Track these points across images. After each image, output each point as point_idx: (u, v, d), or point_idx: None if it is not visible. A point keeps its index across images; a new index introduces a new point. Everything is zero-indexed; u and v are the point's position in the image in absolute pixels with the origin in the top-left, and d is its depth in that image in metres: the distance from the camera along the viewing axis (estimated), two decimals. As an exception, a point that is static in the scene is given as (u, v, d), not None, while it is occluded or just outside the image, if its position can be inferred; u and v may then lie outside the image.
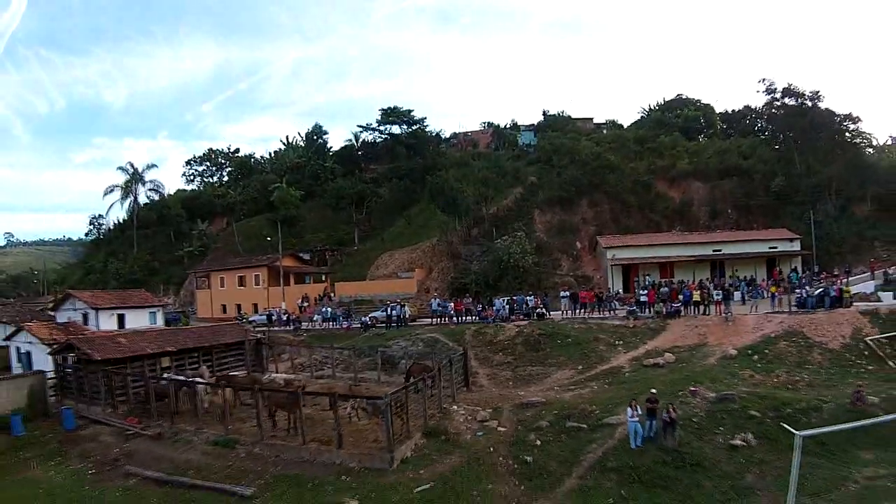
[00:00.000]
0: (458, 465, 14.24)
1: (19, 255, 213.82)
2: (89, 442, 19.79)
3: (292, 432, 16.36)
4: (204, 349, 24.68)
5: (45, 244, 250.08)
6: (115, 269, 69.23)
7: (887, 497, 13.07)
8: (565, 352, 23.78)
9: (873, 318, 26.66)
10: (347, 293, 41.27)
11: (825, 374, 21.10)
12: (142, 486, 15.71)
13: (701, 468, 13.71)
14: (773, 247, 39.02)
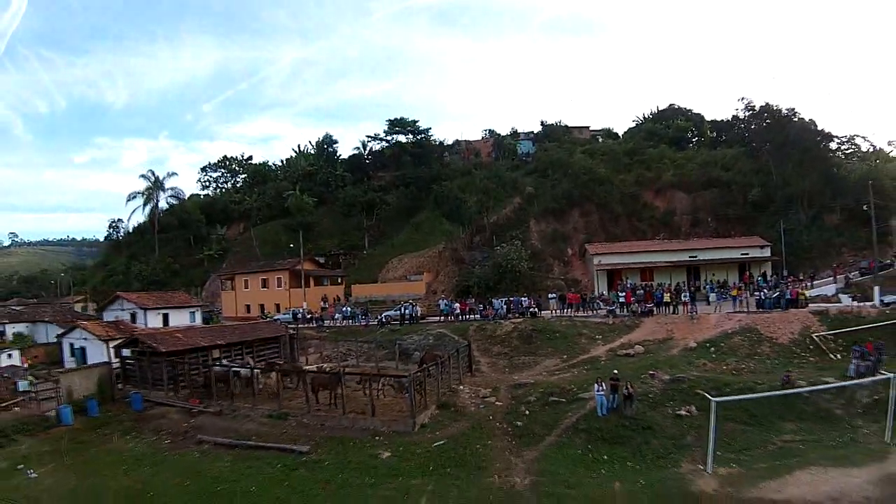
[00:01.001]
0: (465, 429, 18.36)
1: (24, 254, 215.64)
2: (159, 419, 23.82)
3: (333, 406, 20.46)
4: (246, 343, 28.81)
5: (50, 244, 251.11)
6: (137, 271, 73.00)
7: (795, 454, 17.11)
8: (553, 344, 27.92)
9: (823, 317, 30.75)
10: (363, 294, 45.35)
11: (769, 364, 25.11)
12: (214, 450, 19.74)
13: (651, 431, 17.78)
14: (745, 253, 43.07)
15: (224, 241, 73.96)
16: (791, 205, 50.07)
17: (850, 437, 18.38)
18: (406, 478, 15.38)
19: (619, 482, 14.67)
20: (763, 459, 16.52)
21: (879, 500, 13.78)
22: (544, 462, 15.94)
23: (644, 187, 53.03)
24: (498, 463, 15.94)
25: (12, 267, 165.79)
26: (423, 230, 57.77)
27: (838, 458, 16.37)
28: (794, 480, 14.97)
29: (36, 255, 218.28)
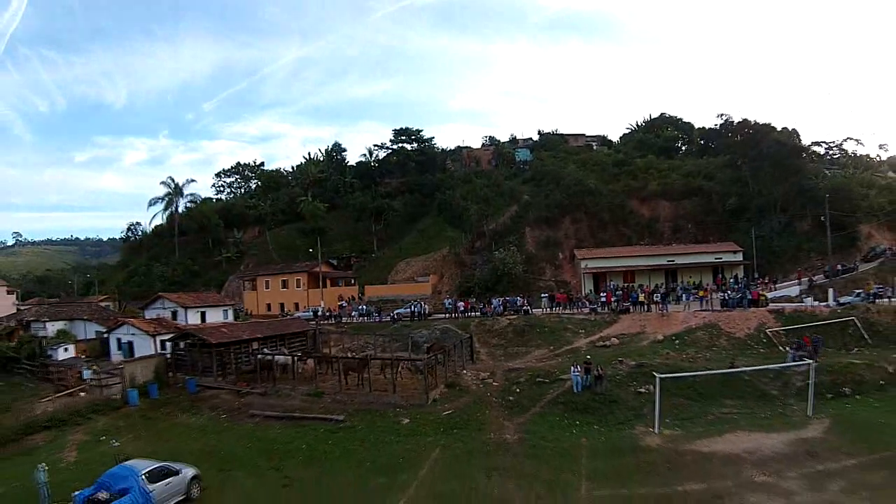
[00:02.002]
0: (468, 402, 22.83)
1: (28, 254, 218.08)
2: (213, 399, 28.23)
3: (360, 386, 24.91)
4: (279, 336, 33.26)
5: (53, 243, 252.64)
6: (159, 272, 77.44)
7: (729, 422, 21.47)
8: (542, 337, 32.36)
9: (778, 315, 35.15)
10: (375, 294, 49.74)
11: (724, 354, 29.45)
12: (265, 422, 24.16)
13: (616, 403, 22.20)
14: (719, 257, 47.47)
15: (241, 244, 78.35)
16: (765, 213, 54.34)
17: (780, 411, 22.76)
18: (422, 436, 19.86)
19: (586, 439, 19.13)
20: (702, 426, 20.93)
21: (783, 454, 18.17)
22: (530, 425, 20.42)
23: (631, 196, 57.37)
24: (494, 426, 20.42)
25: (18, 267, 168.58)
26: (428, 235, 62.17)
27: (763, 426, 20.79)
28: (721, 440, 19.40)
29: (40, 255, 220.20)
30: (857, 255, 53.73)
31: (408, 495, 15.32)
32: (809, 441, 19.09)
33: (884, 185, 63.68)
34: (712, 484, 15.56)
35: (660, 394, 19.93)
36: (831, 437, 19.38)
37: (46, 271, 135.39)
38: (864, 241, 55.78)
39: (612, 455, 17.70)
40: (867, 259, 52.14)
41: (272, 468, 18.30)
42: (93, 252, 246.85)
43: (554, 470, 16.44)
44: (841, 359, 28.33)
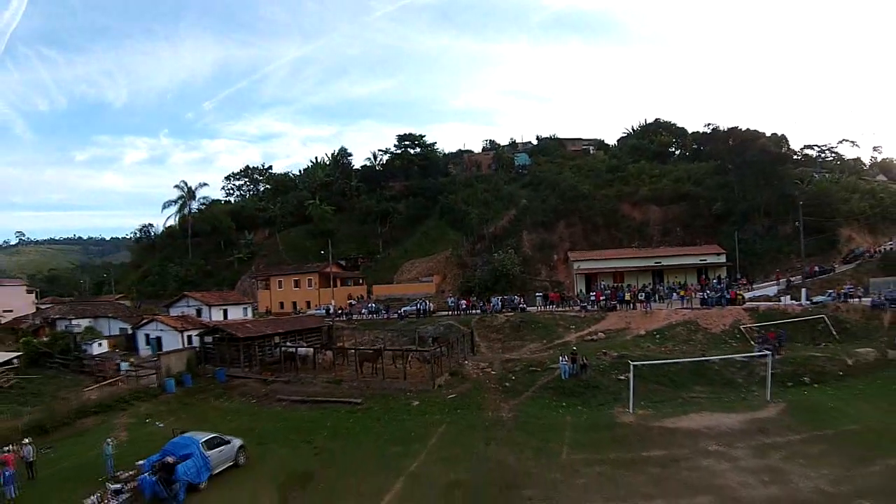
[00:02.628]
0: (469, 388, 25.97)
1: (32, 253, 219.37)
2: (241, 387, 31.36)
3: (374, 374, 28.04)
4: (297, 331, 36.40)
5: (56, 242, 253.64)
6: (174, 272, 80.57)
7: (695, 405, 24.50)
8: (536, 332, 35.47)
9: (753, 313, 38.20)
10: (383, 293, 52.81)
11: (699, 348, 32.52)
12: (291, 406, 27.27)
13: (598, 388, 25.31)
14: (704, 259, 50.51)
15: (251, 245, 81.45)
16: (749, 217, 57.38)
17: (742, 397, 25.82)
18: (430, 415, 23.02)
19: (570, 417, 22.26)
20: (671, 407, 24.03)
21: (738, 430, 21.22)
22: (522, 406, 23.56)
23: (623, 201, 60.45)
24: (491, 406, 23.58)
25: (22, 265, 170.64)
26: (431, 237, 65.25)
27: (725, 408, 23.88)
28: (686, 418, 22.49)
29: (44, 254, 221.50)
30: (838, 257, 56.76)
31: (419, 459, 18.45)
32: (763, 420, 22.15)
33: (866, 190, 66.75)
34: (672, 451, 18.67)
35: (634, 379, 23.05)
36: (783, 418, 22.44)
37: (51, 270, 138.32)
38: (844, 244, 58.78)
39: (591, 430, 20.83)
40: (847, 261, 55.12)
41: (303, 441, 21.44)
42: (96, 251, 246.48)
43: (541, 440, 19.58)
44: (805, 352, 31.42)
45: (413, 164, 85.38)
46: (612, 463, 17.69)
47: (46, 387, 34.40)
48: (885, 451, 18.10)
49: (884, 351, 31.62)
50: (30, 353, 39.91)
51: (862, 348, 31.95)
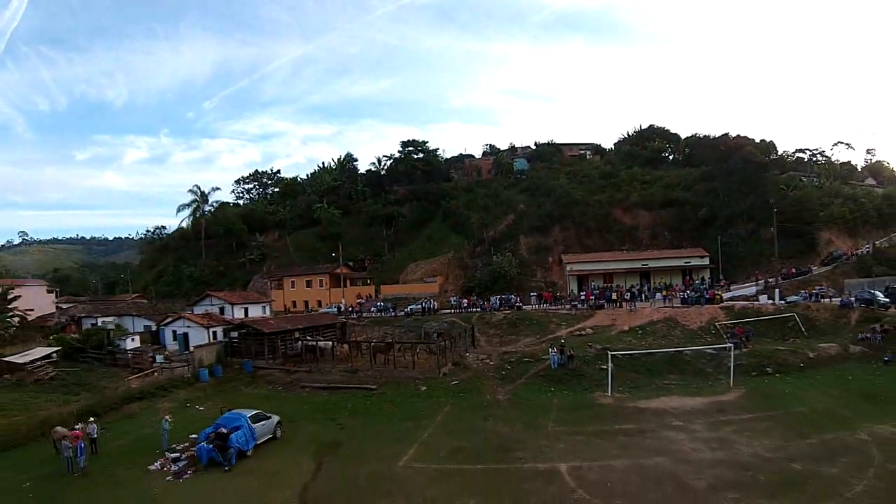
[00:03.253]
0: (470, 376, 29.52)
1: (35, 253, 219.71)
2: (267, 377, 34.84)
3: (386, 364, 31.58)
4: (314, 327, 39.93)
5: (59, 242, 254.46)
6: (188, 272, 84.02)
7: (667, 390, 27.95)
8: (531, 328, 39.02)
9: (728, 311, 41.68)
10: (390, 293, 56.33)
11: (676, 342, 35.99)
12: (314, 392, 30.75)
13: (583, 376, 28.82)
14: (688, 261, 53.98)
15: (263, 246, 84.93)
16: (732, 222, 60.83)
17: (709, 384, 29.28)
18: (436, 398, 26.56)
19: (557, 399, 25.79)
20: (645, 392, 27.54)
21: (699, 409, 24.66)
22: (516, 391, 27.11)
23: (614, 206, 63.94)
24: (489, 391, 27.13)
25: (26, 265, 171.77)
26: (434, 240, 68.79)
27: (692, 393, 27.38)
28: (657, 401, 25.99)
29: (47, 254, 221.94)
30: (817, 259, 60.24)
31: (428, 432, 21.98)
32: (723, 402, 25.65)
33: (849, 195, 70.21)
34: (640, 425, 22.18)
35: (614, 368, 26.61)
36: (741, 401, 25.94)
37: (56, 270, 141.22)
38: (824, 247, 62.30)
39: (574, 409, 24.37)
40: (826, 263, 58.64)
41: (328, 419, 24.97)
42: (99, 251, 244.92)
43: (531, 417, 23.12)
44: (772, 346, 34.92)
45: (416, 168, 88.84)
46: (589, 434, 21.21)
47: (86, 378, 37.90)
48: (823, 428, 21.52)
49: (846, 346, 35.16)
50: (64, 348, 43.50)
51: (825, 343, 35.47)
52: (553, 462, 18.10)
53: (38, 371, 39.85)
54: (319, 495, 16.77)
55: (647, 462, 18.19)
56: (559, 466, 17.67)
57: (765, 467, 17.65)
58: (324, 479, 18.01)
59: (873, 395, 25.73)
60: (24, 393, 34.70)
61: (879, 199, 72.52)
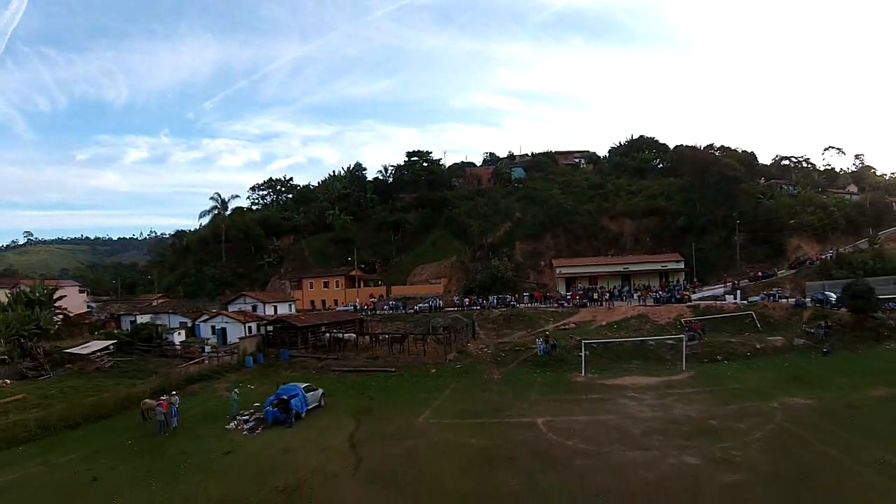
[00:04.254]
0: (471, 361, 36.01)
1: (41, 253, 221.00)
2: (302, 363, 41.16)
3: (402, 352, 38.02)
4: (338, 322, 46.36)
5: (64, 242, 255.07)
6: (211, 274, 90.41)
7: (630, 372, 34.24)
8: (523, 323, 45.43)
9: (694, 309, 48.00)
10: (399, 293, 62.73)
11: (645, 335, 42.33)
12: (343, 374, 37.06)
13: (563, 361, 35.23)
14: (665, 265, 60.30)
15: (279, 250, 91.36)
16: (707, 229, 67.10)
17: (666, 368, 35.58)
18: (444, 378, 32.98)
19: (541, 378, 32.23)
20: (612, 373, 33.88)
21: (652, 385, 30.97)
22: (508, 372, 33.58)
23: (602, 214, 70.30)
24: (487, 372, 33.59)
25: (32, 265, 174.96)
26: (438, 246, 75.14)
27: (650, 374, 33.69)
28: (620, 379, 32.32)
29: (52, 254, 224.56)
30: (785, 264, 66.46)
31: (439, 400, 28.37)
32: (673, 381, 31.96)
33: (819, 204, 76.58)
34: (603, 395, 28.55)
35: (587, 354, 33.01)
36: (688, 380, 32.23)
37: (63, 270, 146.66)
38: (792, 252, 68.51)
39: (553, 385, 30.77)
40: (792, 266, 64.85)
41: (359, 393, 31.35)
42: (104, 251, 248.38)
43: (518, 390, 29.53)
44: (726, 339, 41.22)
45: (421, 177, 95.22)
46: (562, 401, 27.59)
47: (141, 366, 44.36)
48: (745, 398, 27.67)
49: (791, 339, 41.35)
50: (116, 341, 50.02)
51: (774, 337, 41.75)
52: (532, 417, 24.50)
53: (99, 361, 46.52)
54: (362, 440, 23.12)
55: (602, 418, 24.59)
56: (536, 420, 24.07)
57: (689, 422, 23.93)
58: (363, 431, 24.37)
59: (799, 378, 31.71)
60: (89, 379, 41.27)
61: (850, 207, 78.84)
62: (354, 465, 19.92)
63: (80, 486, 19.46)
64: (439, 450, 20.91)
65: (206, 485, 18.68)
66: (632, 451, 20.06)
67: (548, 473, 18.09)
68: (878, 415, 23.68)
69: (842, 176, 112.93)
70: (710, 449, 20.05)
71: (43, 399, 34.92)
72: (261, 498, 17.33)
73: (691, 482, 17.17)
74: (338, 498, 17.08)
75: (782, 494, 15.97)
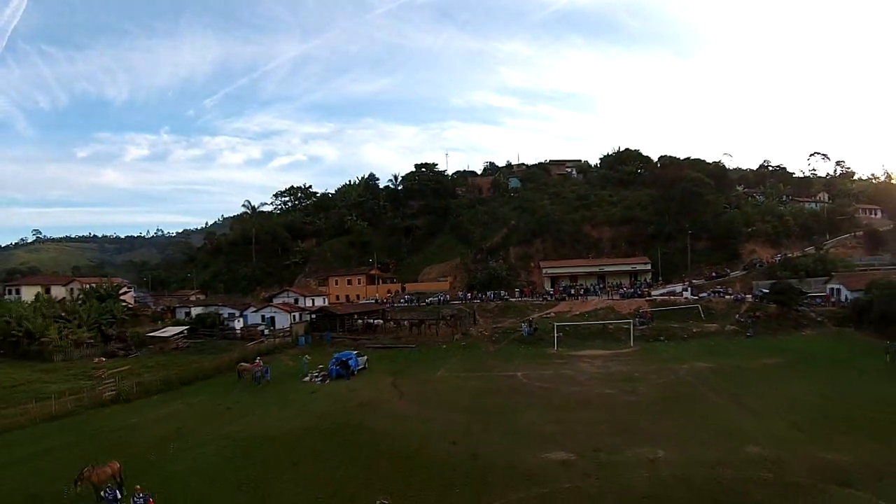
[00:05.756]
0: (473, 341, 47.74)
1: (51, 250, 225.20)
2: (341, 342, 52.44)
3: (420, 334, 49.59)
4: (366, 312, 57.92)
5: (72, 240, 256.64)
6: (244, 272, 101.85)
7: (591, 346, 45.81)
8: (514, 313, 56.94)
9: (652, 302, 59.44)
10: (413, 290, 74.12)
11: (608, 321, 53.75)
12: (374, 350, 48.55)
13: (542, 340, 46.83)
14: (634, 267, 71.67)
15: (304, 252, 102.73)
16: (673, 235, 78.29)
17: (619, 345, 46.95)
18: (452, 352, 44.66)
19: (523, 350, 43.86)
20: (576, 348, 45.30)
21: (604, 355, 42.49)
22: (501, 348, 45.25)
23: (584, 223, 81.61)
24: (484, 348, 45.28)
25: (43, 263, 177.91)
26: (444, 249, 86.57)
27: (605, 349, 45.15)
28: (581, 352, 43.80)
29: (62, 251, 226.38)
30: (740, 266, 77.52)
31: (449, 364, 39.94)
32: (620, 353, 43.38)
33: (777, 213, 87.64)
34: (567, 361, 40.03)
35: (560, 334, 44.57)
36: (633, 353, 43.62)
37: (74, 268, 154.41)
38: (748, 255, 79.48)
39: (533, 355, 42.28)
40: (746, 268, 75.99)
41: (390, 361, 42.86)
42: (112, 248, 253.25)
43: (507, 358, 41.15)
44: (670, 325, 52.56)
45: (428, 186, 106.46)
46: (537, 364, 39.07)
47: (213, 346, 55.74)
48: (665, 363, 38.62)
49: (724, 326, 52.64)
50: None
51: (710, 324, 53.08)
52: (514, 372, 36.10)
53: (176, 342, 58.20)
54: (400, 384, 34.57)
55: (561, 371, 36.18)
56: (517, 373, 35.66)
57: (617, 375, 35.29)
58: (400, 380, 35.82)
59: (715, 352, 42.74)
60: (171, 357, 52.76)
61: (806, 216, 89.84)
62: (399, 395, 31.57)
63: (219, 412, 30.56)
64: (451, 387, 32.57)
65: (307, 407, 30.07)
66: (574, 387, 31.63)
67: (519, 397, 29.69)
68: (755, 373, 34.35)
69: (815, 184, 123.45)
70: (624, 387, 31.43)
71: (144, 369, 46.32)
72: (347, 409, 28.82)
73: (606, 399, 28.64)
74: (394, 408, 28.63)
75: (658, 406, 27.15)
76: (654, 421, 23.97)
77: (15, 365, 48.94)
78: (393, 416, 26.48)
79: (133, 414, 31.25)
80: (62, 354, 52.59)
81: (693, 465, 18.27)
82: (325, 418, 26.86)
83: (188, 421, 28.22)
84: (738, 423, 23.46)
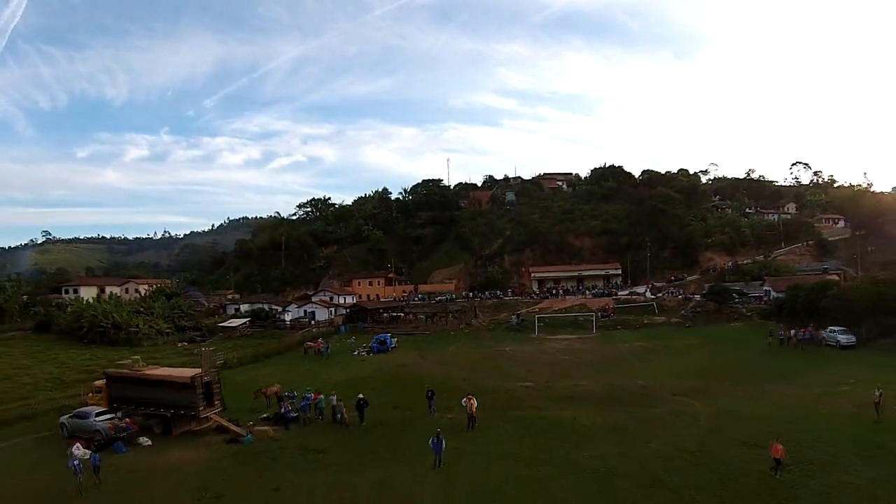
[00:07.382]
0: (475, 329, 62.14)
1: (61, 251, 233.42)
2: (370, 331, 67.01)
3: (433, 324, 64.12)
4: (388, 307, 72.48)
5: (81, 241, 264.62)
6: (275, 275, 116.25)
7: (564, 333, 60.42)
8: (507, 308, 71.25)
9: (617, 300, 74.03)
10: (424, 290, 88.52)
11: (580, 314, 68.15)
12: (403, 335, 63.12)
13: (527, 329, 61.01)
14: (608, 271, 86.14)
15: (326, 257, 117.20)
16: (641, 245, 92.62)
17: (585, 332, 61.21)
18: (459, 337, 59.16)
19: (513, 336, 58.43)
20: (552, 333, 59.57)
21: (572, 338, 57.04)
22: (495, 335, 59.67)
23: (568, 234, 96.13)
24: (483, 335, 59.70)
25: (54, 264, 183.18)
26: (449, 255, 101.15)
27: (574, 334, 59.60)
28: (555, 337, 58.17)
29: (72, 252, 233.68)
30: (698, 271, 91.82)
31: (456, 345, 54.29)
32: (584, 337, 57.69)
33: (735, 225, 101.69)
34: (543, 342, 54.43)
35: (540, 324, 59.11)
36: (593, 337, 57.96)
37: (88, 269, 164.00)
38: (706, 262, 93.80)
39: (519, 339, 56.61)
40: (702, 273, 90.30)
41: (411, 343, 57.25)
42: (121, 250, 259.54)
43: (498, 341, 55.49)
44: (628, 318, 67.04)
45: (434, 199, 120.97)
46: (521, 344, 53.39)
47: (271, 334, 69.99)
48: (618, 344, 52.70)
49: (670, 318, 66.90)
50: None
51: (660, 317, 67.55)
52: (503, 348, 50.62)
53: (241, 331, 72.50)
54: (424, 355, 48.90)
55: (538, 348, 50.60)
56: (505, 348, 50.14)
57: (577, 350, 49.58)
58: (423, 353, 50.22)
59: (655, 337, 56.63)
60: (240, 342, 66.79)
61: (763, 227, 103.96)
62: (424, 360, 46.12)
63: (305, 371, 44.90)
64: (460, 356, 47.12)
65: (363, 368, 44.42)
66: (544, 356, 46.07)
67: (505, 361, 44.17)
68: (675, 349, 48.20)
69: (787, 195, 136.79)
70: (577, 358, 45.68)
71: (224, 350, 60.44)
72: (391, 367, 43.28)
73: (561, 362, 43.08)
74: (422, 367, 43.03)
75: (593, 365, 41.45)
76: (586, 371, 38.51)
77: (110, 350, 61.23)
78: (422, 370, 40.89)
79: (242, 374, 45.48)
80: (150, 341, 65.85)
81: (599, 386, 32.75)
82: (378, 372, 41.29)
83: (288, 375, 42.62)
84: (639, 372, 37.79)
